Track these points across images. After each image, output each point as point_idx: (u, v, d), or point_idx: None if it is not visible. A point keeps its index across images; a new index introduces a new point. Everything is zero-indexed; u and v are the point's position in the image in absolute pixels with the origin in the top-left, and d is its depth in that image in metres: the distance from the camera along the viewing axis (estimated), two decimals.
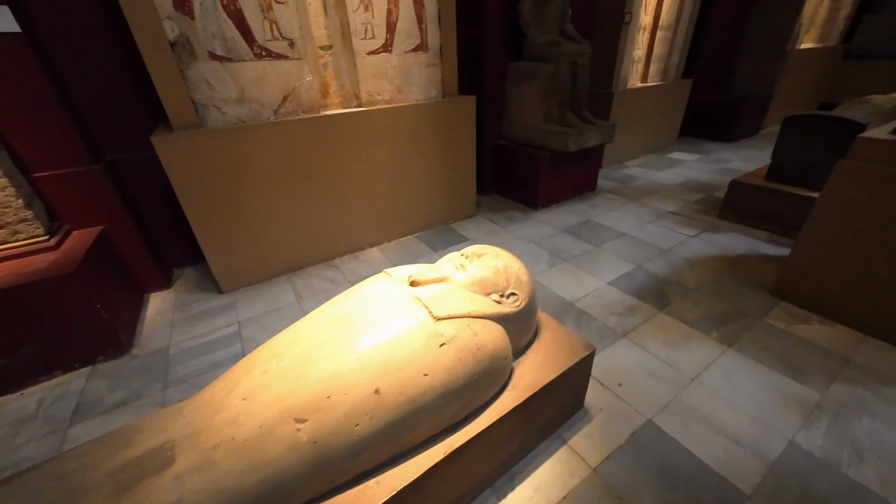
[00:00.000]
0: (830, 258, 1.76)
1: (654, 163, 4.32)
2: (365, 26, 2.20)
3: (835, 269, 1.75)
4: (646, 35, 4.00)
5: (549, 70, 2.83)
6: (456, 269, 1.18)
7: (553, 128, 2.94)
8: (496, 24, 2.94)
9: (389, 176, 2.58)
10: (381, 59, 2.34)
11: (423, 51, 2.47)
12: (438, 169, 2.79)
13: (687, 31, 4.23)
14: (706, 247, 2.50)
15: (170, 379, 1.69)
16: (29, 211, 1.72)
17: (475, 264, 1.20)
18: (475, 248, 1.27)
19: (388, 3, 2.22)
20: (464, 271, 1.17)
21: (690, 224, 2.83)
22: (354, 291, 1.12)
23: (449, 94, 2.68)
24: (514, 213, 3.20)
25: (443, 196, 2.90)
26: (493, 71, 3.10)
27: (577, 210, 3.17)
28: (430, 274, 1.14)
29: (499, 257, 1.23)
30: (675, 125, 4.83)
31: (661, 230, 2.76)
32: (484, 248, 1.27)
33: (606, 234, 2.74)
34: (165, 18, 1.72)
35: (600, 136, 3.02)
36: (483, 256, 1.22)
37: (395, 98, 2.49)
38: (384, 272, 1.23)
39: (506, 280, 1.18)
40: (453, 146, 2.78)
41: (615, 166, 4.27)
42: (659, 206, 3.18)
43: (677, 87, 4.50)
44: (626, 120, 4.05)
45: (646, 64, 4.20)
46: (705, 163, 4.24)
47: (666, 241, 2.60)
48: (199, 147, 1.91)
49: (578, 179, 3.35)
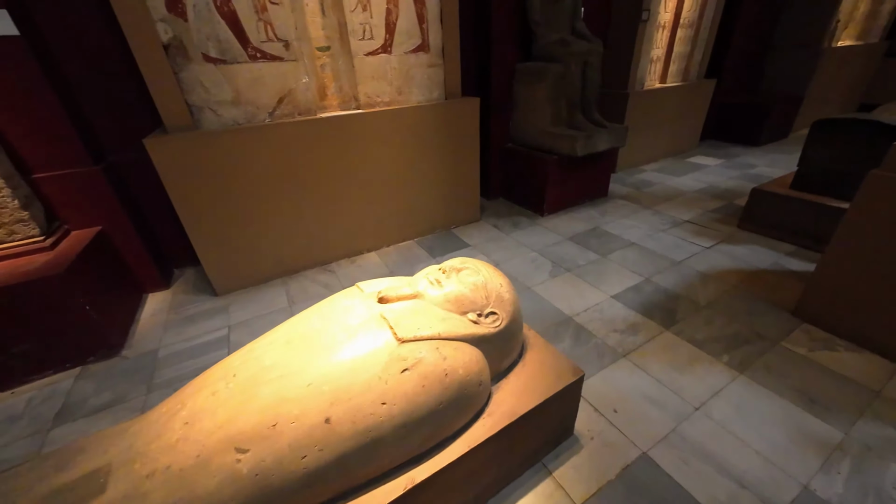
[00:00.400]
0: (860, 277, 1.59)
1: (672, 167, 4.12)
2: (363, 26, 2.15)
3: (865, 290, 1.58)
4: (665, 33, 3.81)
5: (558, 70, 2.71)
6: (431, 284, 1.10)
7: (562, 130, 2.82)
8: (504, 23, 2.84)
9: (389, 179, 2.53)
10: (381, 60, 2.28)
11: (425, 51, 2.39)
12: (440, 173, 2.71)
13: (711, 28, 4.01)
14: (722, 259, 2.33)
15: (155, 382, 1.67)
16: (25, 212, 1.74)
17: (453, 280, 1.11)
18: (455, 261, 1.19)
19: (388, 2, 2.16)
20: (439, 287, 1.09)
21: (707, 234, 2.65)
22: (320, 307, 1.06)
23: (452, 95, 2.60)
24: (519, 218, 3.09)
25: (445, 200, 2.82)
26: (500, 71, 3.00)
27: (586, 217, 3.03)
28: (401, 290, 1.07)
29: (479, 272, 1.14)
30: (696, 128, 4.59)
31: (675, 240, 2.60)
32: (465, 261, 1.18)
33: (615, 244, 2.59)
34: (158, 21, 1.72)
35: (611, 139, 2.88)
36: (462, 271, 1.14)
37: (395, 100, 2.43)
38: (356, 286, 1.16)
39: (485, 297, 1.09)
40: (456, 149, 2.70)
41: (630, 170, 4.08)
42: (674, 213, 3.00)
43: (699, 88, 4.28)
44: (643, 122, 3.87)
45: (665, 63, 4.01)
46: (728, 168, 4.00)
47: (679, 253, 2.44)
48: (194, 149, 1.90)
49: (588, 184, 3.21)
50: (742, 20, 4.29)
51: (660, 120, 4.04)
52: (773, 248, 2.43)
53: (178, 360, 1.79)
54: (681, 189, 3.50)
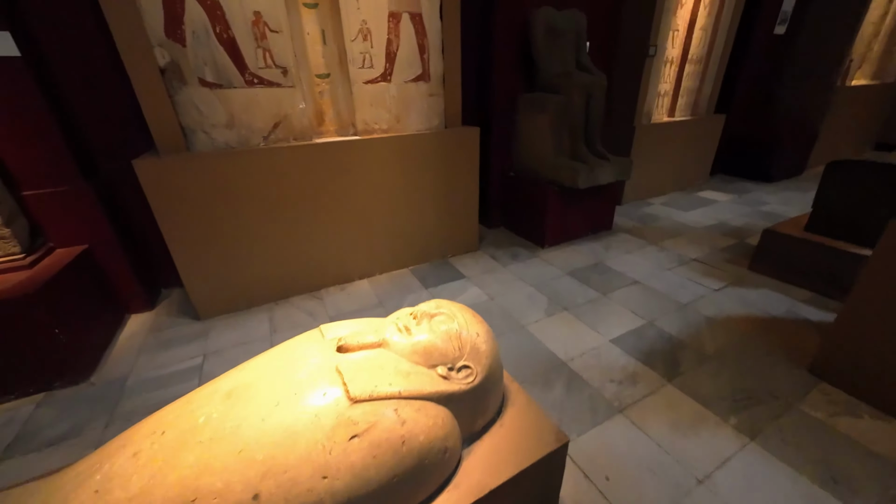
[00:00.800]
0: (887, 333, 1.43)
1: (680, 201, 4.01)
2: (363, 55, 2.15)
3: (892, 349, 1.42)
4: (673, 68, 3.79)
5: (560, 101, 2.68)
6: (399, 331, 1.00)
7: (564, 161, 2.76)
8: (507, 53, 2.85)
9: (385, 206, 2.47)
10: (380, 89, 2.27)
11: (425, 80, 2.39)
12: (438, 201, 2.65)
13: (720, 64, 3.98)
14: (732, 304, 2.18)
15: (116, 414, 1.58)
16: (7, 228, 1.71)
17: (424, 327, 1.01)
18: (430, 305, 1.09)
19: (389, 32, 2.17)
20: (407, 335, 0.99)
21: (716, 275, 2.51)
22: (274, 353, 0.97)
23: (452, 124, 2.57)
24: (518, 249, 2.99)
25: (441, 229, 2.75)
26: (503, 100, 2.99)
27: (589, 251, 2.91)
28: (365, 337, 0.97)
29: (453, 319, 1.04)
30: (706, 162, 4.50)
31: (681, 280, 2.46)
32: (440, 305, 1.08)
33: (617, 281, 2.47)
34: (156, 45, 1.73)
35: (615, 172, 2.80)
36: (435, 318, 1.04)
37: (393, 127, 2.40)
38: (318, 329, 1.07)
39: (458, 348, 0.99)
40: (455, 178, 2.65)
41: (636, 203, 3.98)
42: (681, 251, 2.87)
43: (709, 123, 4.22)
44: (650, 155, 3.80)
45: (673, 98, 3.97)
46: (739, 204, 3.87)
47: (685, 294, 2.29)
48: (184, 171, 1.87)
49: (592, 217, 3.11)
50: (752, 56, 4.26)
51: (668, 153, 3.97)
52: (786, 293, 2.27)
53: (145, 390, 1.69)
54: (689, 225, 3.38)
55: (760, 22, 4.12)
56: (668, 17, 3.36)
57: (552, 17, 2.70)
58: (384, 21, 2.14)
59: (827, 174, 2.16)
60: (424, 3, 2.21)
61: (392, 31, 2.18)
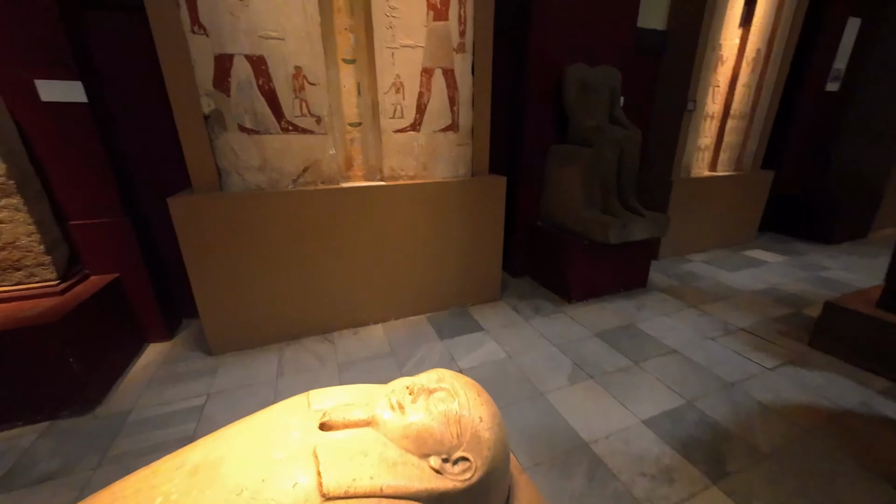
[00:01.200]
0: None
1: (725, 260, 3.71)
2: (394, 106, 2.22)
3: None
4: (714, 123, 3.67)
5: (591, 154, 2.61)
6: (392, 408, 0.89)
7: (594, 215, 2.64)
8: (539, 104, 2.86)
9: (405, 251, 2.44)
10: (408, 137, 2.32)
11: (454, 131, 2.42)
12: (460, 248, 2.59)
13: (765, 120, 3.82)
14: (791, 388, 1.88)
15: (108, 455, 1.53)
16: (48, 256, 1.81)
17: (420, 404, 0.90)
18: (430, 377, 0.98)
19: (421, 86, 2.24)
20: (400, 414, 0.87)
21: (769, 350, 2.21)
22: (252, 422, 0.88)
23: (478, 172, 2.56)
24: (543, 302, 2.83)
25: (462, 277, 2.66)
26: (533, 149, 2.97)
27: (620, 309, 2.70)
28: (352, 413, 0.87)
29: (455, 397, 0.91)
30: (753, 219, 4.20)
31: (727, 353, 2.19)
32: (443, 378, 0.97)
33: (652, 348, 2.23)
34: (203, 95, 1.86)
35: (650, 229, 2.64)
36: (435, 394, 0.92)
37: (419, 174, 2.42)
38: (306, 395, 0.98)
39: (457, 435, 0.86)
40: (479, 227, 2.59)
41: (674, 259, 3.73)
42: (727, 317, 2.59)
43: (755, 179, 3.98)
44: (690, 210, 3.60)
45: (714, 152, 3.81)
46: (794, 267, 3.52)
47: (732, 371, 2.02)
48: (213, 209, 1.94)
49: (624, 273, 2.92)
50: (802, 113, 4.07)
51: (710, 208, 3.75)
52: (859, 380, 1.94)
53: (143, 429, 1.65)
54: (735, 287, 3.08)
55: (810, 79, 3.97)
56: (708, 73, 3.30)
57: (585, 74, 2.71)
58: (417, 76, 2.22)
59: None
60: (457, 60, 2.28)
61: (424, 84, 2.25)
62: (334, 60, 2.11)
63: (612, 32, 2.88)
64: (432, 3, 2.12)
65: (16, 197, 1.68)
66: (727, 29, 3.31)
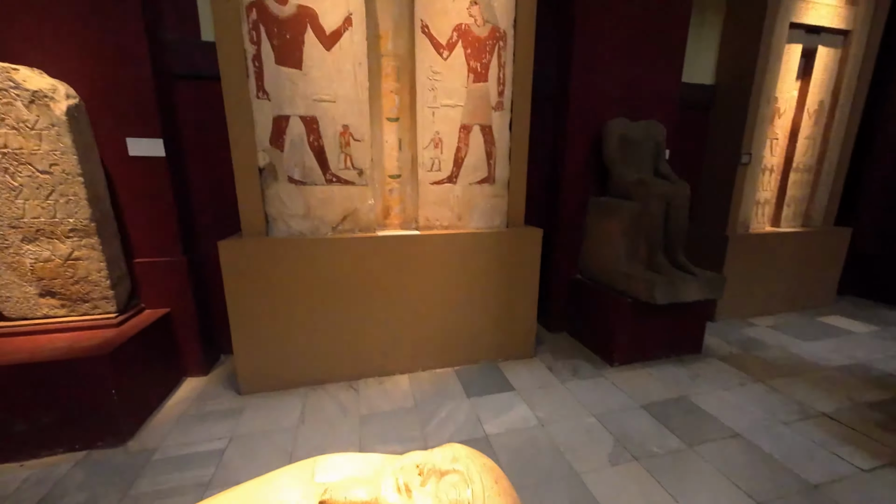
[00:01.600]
0: None
1: (797, 326, 3.27)
2: (433, 160, 2.31)
3: None
4: (774, 176, 3.42)
5: (634, 208, 2.50)
6: (398, 490, 0.81)
7: (638, 271, 2.47)
8: (577, 159, 2.84)
9: (437, 301, 2.40)
10: (445, 189, 2.37)
11: (490, 183, 2.44)
12: (493, 301, 2.51)
13: (836, 173, 3.49)
14: (893, 498, 1.52)
15: (129, 494, 1.54)
16: (112, 290, 1.99)
17: (429, 489, 0.81)
18: (445, 455, 0.88)
19: (459, 141, 2.33)
20: (406, 498, 0.79)
21: (863, 444, 1.83)
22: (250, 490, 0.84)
23: (514, 224, 2.53)
24: (581, 363, 2.61)
25: (495, 331, 2.56)
26: (572, 200, 2.91)
27: (670, 378, 2.42)
28: (354, 492, 0.80)
29: (468, 484, 0.81)
30: (831, 280, 3.73)
31: (806, 443, 1.84)
32: (458, 458, 0.87)
33: (709, 429, 1.94)
34: (261, 150, 2.05)
35: (702, 289, 2.41)
36: (447, 477, 0.83)
37: (453, 224, 2.44)
38: (314, 461, 0.93)
39: None
40: (513, 278, 2.52)
41: (735, 322, 3.35)
42: (804, 397, 2.22)
43: (829, 236, 3.58)
44: (751, 269, 3.27)
45: (777, 206, 3.51)
46: (886, 339, 3.01)
47: (814, 468, 1.68)
48: (259, 253, 2.06)
49: (674, 336, 2.65)
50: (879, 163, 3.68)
51: (775, 267, 3.39)
52: None
53: (164, 470, 1.66)
54: (812, 360, 2.67)
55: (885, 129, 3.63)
56: (764, 125, 3.13)
57: (626, 128, 2.68)
58: (456, 132, 2.31)
59: None
60: (495, 117, 2.36)
61: (462, 140, 2.33)
62: (379, 119, 2.27)
63: (656, 88, 2.86)
64: (473, 66, 2.25)
65: (94, 237, 1.90)
66: (783, 82, 3.17)
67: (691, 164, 3.39)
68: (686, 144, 3.31)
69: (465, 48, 2.21)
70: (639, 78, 2.80)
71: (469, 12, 2.18)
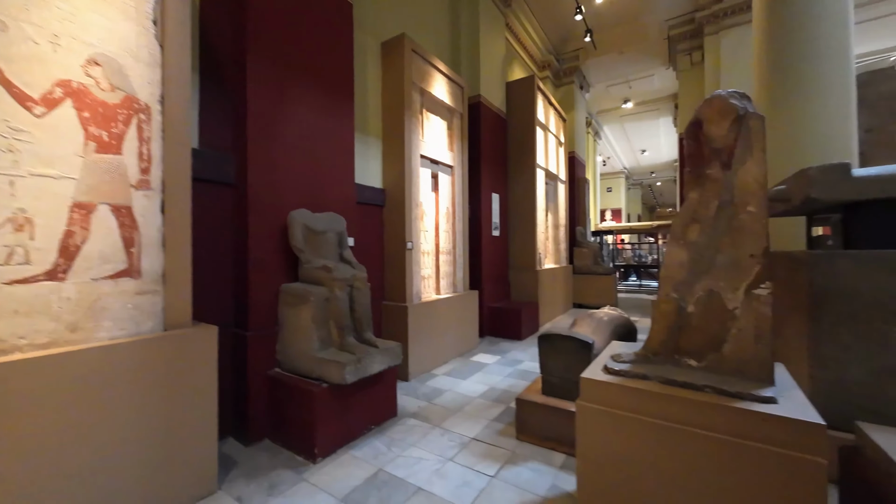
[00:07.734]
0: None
1: (461, 369, 4.30)
2: (9, 249, 1.54)
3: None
4: (431, 258, 4.61)
5: (322, 293, 2.61)
6: None
7: (330, 355, 2.53)
8: (266, 245, 2.74)
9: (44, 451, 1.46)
10: (40, 290, 1.61)
11: (132, 277, 1.89)
12: (146, 430, 1.82)
13: (464, 254, 5.14)
14: (511, 496, 2.08)
15: None
16: None
17: None
18: None
19: (71, 223, 1.69)
20: None
21: (492, 455, 2.48)
22: None
23: (176, 325, 2.03)
24: (281, 473, 2.27)
25: (154, 471, 1.83)
26: (262, 291, 2.72)
27: (370, 454, 2.49)
28: None
29: None
30: (474, 327, 5.25)
31: (463, 472, 2.29)
32: None
33: (399, 496, 2.07)
34: None
35: (386, 359, 2.75)
36: None
37: (62, 340, 1.67)
38: None
39: None
40: (178, 396, 1.95)
41: (423, 377, 4.03)
42: (462, 430, 2.83)
43: (468, 297, 5.10)
44: (425, 329, 4.11)
45: (436, 279, 4.71)
46: (503, 364, 4.46)
47: (467, 494, 2.08)
48: None
49: (371, 408, 2.82)
50: (484, 248, 5.75)
51: (441, 326, 4.42)
52: (549, 461, 2.39)
53: None
54: (468, 395, 3.52)
55: (482, 227, 5.77)
56: (417, 222, 4.22)
57: (308, 218, 2.87)
58: (64, 211, 1.68)
59: (540, 344, 2.68)
60: (137, 196, 1.91)
61: (77, 222, 1.72)
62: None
63: (333, 185, 3.29)
64: (94, 133, 1.77)
65: None
66: (423, 193, 4.46)
67: (375, 251, 4.05)
68: (369, 234, 3.94)
69: (78, 110, 1.73)
70: (318, 175, 3.14)
71: (86, 71, 1.75)
